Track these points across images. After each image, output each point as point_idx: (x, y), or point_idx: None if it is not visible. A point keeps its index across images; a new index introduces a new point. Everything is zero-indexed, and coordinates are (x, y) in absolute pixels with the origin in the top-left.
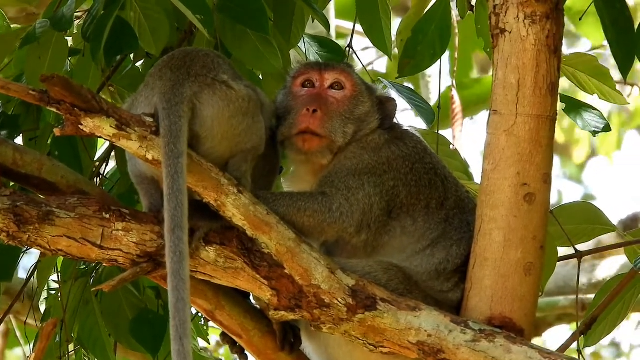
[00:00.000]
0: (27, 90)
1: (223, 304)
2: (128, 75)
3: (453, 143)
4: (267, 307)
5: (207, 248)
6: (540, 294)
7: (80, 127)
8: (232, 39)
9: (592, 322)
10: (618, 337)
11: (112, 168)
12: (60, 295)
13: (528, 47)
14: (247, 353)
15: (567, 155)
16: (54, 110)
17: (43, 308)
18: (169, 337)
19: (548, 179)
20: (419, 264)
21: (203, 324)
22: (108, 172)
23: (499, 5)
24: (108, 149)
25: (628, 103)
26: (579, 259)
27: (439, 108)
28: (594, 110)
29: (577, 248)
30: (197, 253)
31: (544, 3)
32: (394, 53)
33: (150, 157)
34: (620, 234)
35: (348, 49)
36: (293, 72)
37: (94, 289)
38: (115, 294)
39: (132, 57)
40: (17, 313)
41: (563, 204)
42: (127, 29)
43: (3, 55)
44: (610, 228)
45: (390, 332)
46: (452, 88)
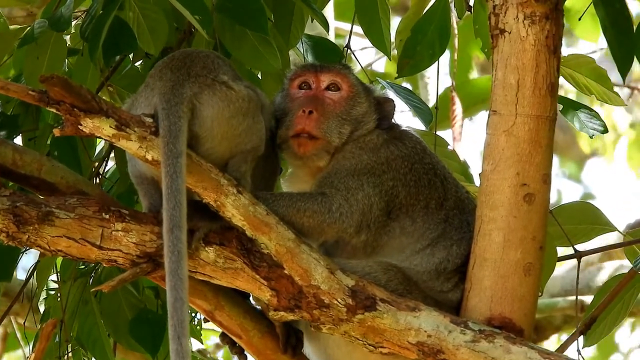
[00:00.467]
0: (26, 91)
1: (222, 305)
2: (127, 75)
3: (453, 144)
4: (266, 307)
5: (206, 248)
6: (540, 294)
7: (80, 127)
8: (231, 39)
9: (591, 322)
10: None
11: (111, 167)
12: (60, 296)
13: (527, 47)
14: (246, 353)
15: (566, 155)
16: (54, 111)
17: (42, 308)
18: (168, 337)
19: (548, 180)
20: (419, 263)
21: (196, 324)
22: (107, 171)
23: (499, 6)
24: (107, 149)
25: (625, 104)
26: (579, 259)
27: (437, 109)
28: (591, 112)
29: (576, 248)
30: (196, 253)
31: (544, 3)
32: (393, 54)
33: (150, 157)
34: (622, 234)
35: (346, 49)
36: (290, 74)
37: (94, 289)
38: (115, 294)
39: (131, 57)
40: (16, 314)
41: (562, 204)
42: (125, 29)
43: (1, 55)
44: (610, 228)
45: (390, 332)
46: (451, 89)
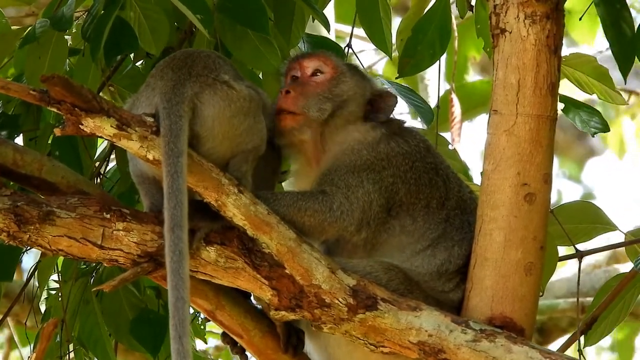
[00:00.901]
0: (27, 90)
1: (223, 304)
2: (128, 75)
3: (452, 145)
4: (267, 307)
5: (207, 248)
6: (541, 294)
7: (81, 127)
8: (232, 39)
9: (592, 322)
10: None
11: (112, 166)
12: (61, 295)
13: (528, 47)
14: (247, 353)
15: (567, 155)
16: (55, 110)
17: (43, 308)
18: (170, 337)
19: (548, 179)
20: (420, 265)
21: (200, 324)
22: (108, 171)
23: (499, 5)
24: (108, 149)
25: (627, 103)
26: (580, 259)
27: (438, 108)
28: (593, 110)
29: (577, 247)
30: (197, 253)
31: (544, 3)
32: (394, 55)
33: (151, 157)
34: (623, 234)
35: (347, 49)
36: (282, 70)
37: (95, 289)
38: (116, 294)
39: (132, 57)
40: (16, 316)
41: (563, 204)
42: (126, 29)
43: (3, 55)
44: (611, 227)
45: (391, 332)
46: (451, 91)
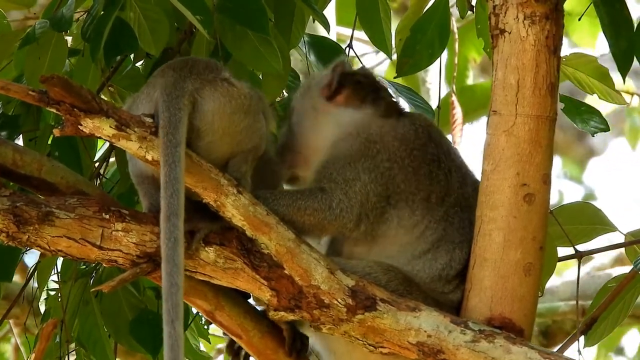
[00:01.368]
0: (26, 91)
1: (223, 305)
2: (128, 76)
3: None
4: (267, 307)
5: (206, 248)
6: (540, 295)
7: (80, 127)
8: (232, 40)
9: (592, 322)
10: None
11: (112, 165)
12: (60, 296)
13: (527, 47)
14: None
15: (568, 156)
16: (54, 111)
17: (43, 309)
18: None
19: (548, 180)
20: (421, 269)
21: (203, 324)
22: (108, 172)
23: (499, 6)
24: (108, 150)
25: (627, 103)
26: (579, 260)
27: (439, 108)
28: (593, 110)
29: (577, 248)
30: (196, 254)
31: (544, 3)
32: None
33: (150, 157)
34: (623, 235)
35: (348, 49)
36: None
37: (93, 289)
38: (115, 295)
39: (132, 57)
40: (16, 317)
41: (563, 204)
42: (126, 30)
43: (2, 56)
44: (611, 228)
45: (390, 332)
46: (452, 94)
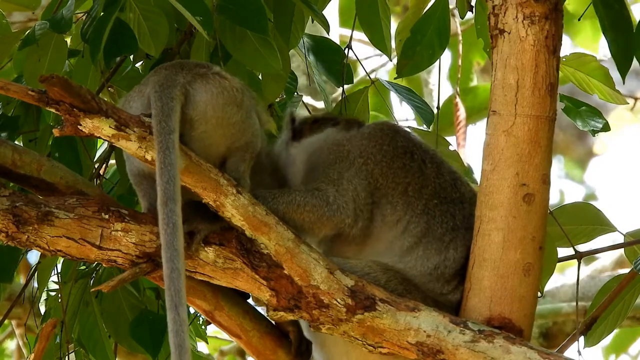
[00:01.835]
0: (26, 91)
1: (222, 305)
2: (127, 77)
3: (457, 150)
4: (267, 307)
5: (206, 248)
6: (540, 295)
7: (79, 127)
8: (231, 40)
9: (592, 322)
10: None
11: (111, 165)
12: (61, 297)
13: (527, 47)
14: None
15: (569, 155)
16: (53, 111)
17: (43, 309)
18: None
19: (547, 180)
20: (413, 266)
21: (201, 324)
22: (107, 172)
23: (498, 6)
24: (107, 150)
25: (627, 103)
26: (579, 260)
27: (438, 109)
28: (593, 110)
29: (577, 249)
30: (196, 254)
31: (543, 3)
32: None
33: (150, 157)
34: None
35: (347, 50)
36: None
37: (93, 289)
38: (115, 295)
39: (131, 58)
40: (18, 318)
41: (563, 205)
42: (126, 31)
43: (2, 57)
44: (611, 229)
45: (389, 332)
46: (455, 95)
